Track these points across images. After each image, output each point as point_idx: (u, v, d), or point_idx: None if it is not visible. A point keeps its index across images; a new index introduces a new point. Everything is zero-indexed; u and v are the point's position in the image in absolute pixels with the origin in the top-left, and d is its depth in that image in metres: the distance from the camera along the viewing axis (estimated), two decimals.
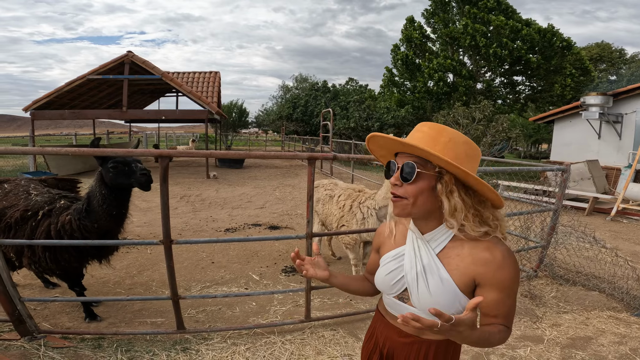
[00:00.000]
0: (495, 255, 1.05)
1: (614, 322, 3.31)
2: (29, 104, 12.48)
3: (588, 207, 8.14)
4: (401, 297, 1.17)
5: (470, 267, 1.06)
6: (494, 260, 1.05)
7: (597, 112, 10.99)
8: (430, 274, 1.10)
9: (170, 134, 35.60)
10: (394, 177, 1.10)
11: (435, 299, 1.07)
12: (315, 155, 2.75)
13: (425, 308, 1.08)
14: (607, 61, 34.31)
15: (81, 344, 2.75)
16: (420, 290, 1.10)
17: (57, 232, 2.70)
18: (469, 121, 12.38)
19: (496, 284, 1.04)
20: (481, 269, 1.05)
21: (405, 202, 1.08)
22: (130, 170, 2.66)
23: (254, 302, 3.57)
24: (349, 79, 40.74)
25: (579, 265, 4.32)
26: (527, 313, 3.44)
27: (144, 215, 6.94)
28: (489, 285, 1.05)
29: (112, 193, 2.68)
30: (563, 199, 4.03)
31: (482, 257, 1.06)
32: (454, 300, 1.07)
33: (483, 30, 19.70)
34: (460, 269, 1.07)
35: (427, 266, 1.11)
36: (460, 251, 1.09)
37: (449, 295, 1.07)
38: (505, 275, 1.04)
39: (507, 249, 1.08)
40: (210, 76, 16.23)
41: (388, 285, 1.19)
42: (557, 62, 20.72)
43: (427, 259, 1.12)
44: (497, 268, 1.04)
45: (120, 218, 2.82)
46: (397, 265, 1.18)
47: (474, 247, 1.08)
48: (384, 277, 1.20)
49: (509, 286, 1.06)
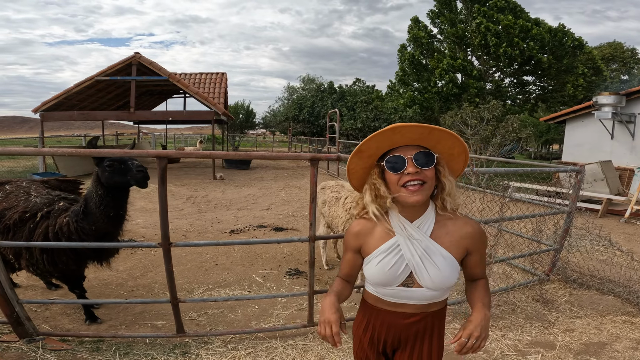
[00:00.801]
0: (475, 228, 1.33)
1: (629, 327, 3.19)
2: (39, 106, 12.61)
3: (601, 208, 7.95)
4: (405, 283, 1.30)
5: (461, 241, 1.30)
6: (477, 232, 1.32)
7: (609, 112, 10.75)
8: (433, 255, 1.27)
9: (179, 135, 35.81)
10: (411, 166, 1.22)
11: (444, 274, 1.26)
12: (318, 155, 2.67)
13: (436, 284, 1.27)
14: (619, 61, 33.75)
15: (79, 346, 2.71)
16: (430, 270, 1.26)
17: (55, 234, 2.66)
18: (477, 121, 12.20)
19: (480, 248, 1.34)
20: (470, 241, 1.31)
21: (426, 185, 1.23)
22: (126, 168, 2.60)
23: (256, 305, 3.50)
24: (356, 80, 40.55)
25: (593, 268, 4.17)
26: (539, 318, 3.32)
27: (150, 216, 6.93)
28: (476, 251, 1.33)
29: (109, 194, 2.63)
30: (577, 200, 3.90)
31: (467, 231, 1.31)
32: (455, 270, 1.29)
33: (495, 29, 19.48)
34: (454, 244, 1.29)
35: (427, 248, 1.27)
36: (446, 230, 1.30)
37: (451, 267, 1.28)
38: (484, 241, 1.36)
39: (476, 221, 1.38)
40: (216, 77, 16.26)
41: (393, 277, 1.29)
42: (569, 61, 20.41)
43: (424, 242, 1.28)
44: (479, 237, 1.33)
45: (118, 220, 2.77)
46: (397, 256, 1.29)
47: (454, 224, 1.31)
48: (386, 271, 1.29)
49: (485, 247, 1.39)
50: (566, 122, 13.27)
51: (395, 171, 1.24)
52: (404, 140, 1.25)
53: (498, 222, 3.44)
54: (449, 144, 1.26)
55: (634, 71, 32.38)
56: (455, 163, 1.32)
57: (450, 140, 1.25)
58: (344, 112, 23.87)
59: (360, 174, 1.37)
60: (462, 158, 1.30)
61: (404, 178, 1.22)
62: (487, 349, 2.83)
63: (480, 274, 1.39)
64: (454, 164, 1.32)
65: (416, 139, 1.24)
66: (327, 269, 4.42)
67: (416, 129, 1.21)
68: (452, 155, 1.29)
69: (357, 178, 1.38)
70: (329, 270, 4.41)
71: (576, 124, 12.87)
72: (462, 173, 1.38)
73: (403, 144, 1.25)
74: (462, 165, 1.33)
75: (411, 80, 23.86)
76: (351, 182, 1.41)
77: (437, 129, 1.22)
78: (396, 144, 1.26)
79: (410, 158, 1.22)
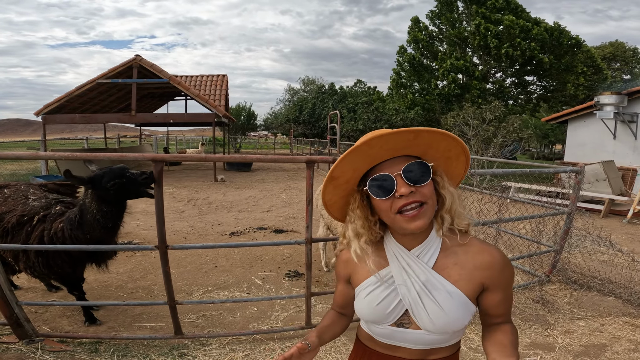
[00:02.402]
0: (495, 256, 1.03)
1: (630, 329, 3.17)
2: (41, 108, 12.68)
3: (604, 209, 7.91)
4: (400, 323, 1.06)
5: (475, 273, 1.02)
6: (496, 261, 1.02)
7: (611, 111, 10.71)
8: (435, 290, 1.01)
9: (180, 137, 35.91)
10: (402, 185, 0.95)
11: (450, 316, 1.00)
12: (313, 158, 2.67)
13: (439, 328, 1.01)
14: (620, 60, 33.67)
15: (78, 347, 2.72)
16: (430, 309, 1.00)
17: (50, 238, 2.68)
18: (479, 122, 12.18)
19: (502, 284, 1.03)
20: (487, 273, 1.02)
21: (427, 206, 0.97)
22: (130, 181, 2.58)
23: (255, 307, 3.50)
24: (357, 81, 40.59)
25: (594, 269, 4.15)
26: (538, 320, 3.30)
27: (151, 218, 6.91)
28: (496, 287, 1.03)
29: (108, 208, 2.63)
30: (577, 201, 3.88)
31: (483, 261, 1.02)
32: (466, 310, 1.01)
33: (495, 30, 19.46)
34: (464, 277, 1.01)
35: (427, 282, 1.02)
36: (456, 259, 1.03)
37: (461, 307, 1.01)
38: (508, 273, 1.04)
39: (496, 247, 1.07)
40: (217, 79, 16.30)
41: (382, 314, 1.05)
42: (568, 60, 20.37)
43: (423, 275, 1.02)
44: (501, 269, 1.02)
45: (114, 230, 2.78)
46: (389, 290, 1.05)
47: (467, 252, 1.04)
48: (374, 307, 1.06)
49: (510, 283, 1.06)
50: (568, 122, 13.23)
51: (383, 195, 0.97)
52: (386, 154, 0.98)
53: (497, 224, 3.43)
54: (442, 146, 1.00)
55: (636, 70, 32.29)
56: (454, 168, 1.06)
57: (445, 141, 0.99)
58: (345, 113, 23.89)
59: (340, 204, 1.11)
60: (461, 160, 1.04)
61: (397, 203, 0.96)
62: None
63: (504, 318, 1.06)
64: (453, 169, 1.06)
65: (401, 148, 0.97)
66: (326, 271, 4.42)
67: (397, 136, 0.94)
68: (449, 159, 1.03)
69: (339, 209, 1.13)
70: (328, 272, 4.41)
71: (578, 124, 12.83)
72: (464, 178, 1.12)
73: (386, 158, 0.99)
74: (464, 168, 1.07)
75: (411, 82, 23.85)
76: (332, 215, 1.15)
77: (424, 131, 0.95)
78: (377, 160, 0.99)
79: (399, 175, 0.96)
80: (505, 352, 0.96)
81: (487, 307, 1.05)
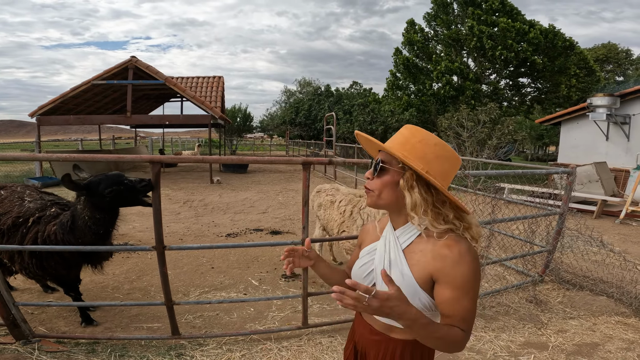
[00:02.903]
0: (453, 251, 1.05)
1: (622, 328, 3.21)
2: (35, 110, 12.62)
3: (596, 210, 8.00)
4: None
5: (430, 263, 1.07)
6: (451, 255, 1.04)
7: (604, 113, 10.84)
8: (394, 268, 1.12)
9: (176, 139, 35.82)
10: (368, 171, 1.18)
11: None
12: (309, 160, 2.70)
13: None
14: (613, 62, 33.99)
15: (75, 348, 2.72)
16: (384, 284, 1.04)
17: (43, 241, 2.69)
18: (473, 124, 12.27)
19: (451, 280, 1.03)
20: (438, 264, 1.05)
21: (372, 194, 1.15)
22: (127, 188, 2.57)
23: (252, 308, 3.51)
24: (353, 83, 40.68)
25: (587, 269, 4.21)
26: (532, 319, 3.35)
27: (147, 220, 6.93)
28: (445, 282, 1.04)
29: (102, 214, 2.63)
30: (569, 201, 3.93)
31: (440, 252, 1.06)
32: (414, 296, 1.06)
33: (489, 32, 19.60)
34: (421, 264, 1.08)
35: (393, 260, 1.14)
36: (424, 247, 1.11)
37: (409, 289, 1.06)
38: (461, 271, 1.03)
39: (467, 246, 1.08)
40: (213, 81, 16.30)
41: (359, 278, 1.21)
42: (561, 62, 20.55)
43: (394, 253, 1.14)
44: (453, 264, 1.03)
45: (106, 235, 2.78)
46: (369, 259, 1.22)
47: (435, 244, 1.09)
48: (356, 270, 1.25)
49: (465, 284, 1.03)
50: (561, 124, 13.36)
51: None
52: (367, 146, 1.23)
53: (490, 224, 3.48)
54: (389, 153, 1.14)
55: (629, 72, 32.61)
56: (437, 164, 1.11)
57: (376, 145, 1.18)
58: (341, 115, 23.92)
59: None
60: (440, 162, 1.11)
61: None
62: (480, 350, 2.85)
63: (452, 320, 1.04)
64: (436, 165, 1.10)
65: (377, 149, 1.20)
66: None
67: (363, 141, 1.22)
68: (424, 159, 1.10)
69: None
70: None
71: (571, 126, 12.96)
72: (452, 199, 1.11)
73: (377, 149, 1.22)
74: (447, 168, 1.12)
75: (406, 84, 23.95)
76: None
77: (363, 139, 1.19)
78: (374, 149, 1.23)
79: (375, 161, 1.18)
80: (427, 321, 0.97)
81: (438, 303, 1.06)
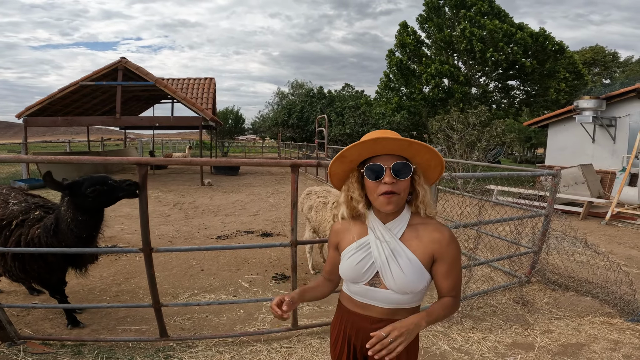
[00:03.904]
0: (444, 234, 1.32)
1: (607, 328, 3.26)
2: (22, 111, 12.44)
3: (583, 211, 8.13)
4: (372, 282, 1.33)
5: (429, 246, 1.30)
6: (444, 237, 1.31)
7: (590, 115, 11.01)
8: (398, 256, 1.29)
9: (167, 141, 35.55)
10: (388, 175, 1.26)
11: (408, 277, 1.28)
12: (298, 162, 2.72)
13: (399, 287, 1.28)
14: (600, 65, 34.53)
15: (61, 350, 2.70)
16: (394, 271, 1.28)
17: (27, 244, 2.67)
18: (463, 126, 12.38)
19: (447, 258, 1.31)
20: (436, 246, 1.30)
21: (399, 197, 1.28)
22: (111, 188, 2.56)
23: (241, 310, 3.51)
24: (345, 85, 40.86)
25: (572, 270, 4.27)
26: (518, 320, 3.39)
27: (135, 222, 6.86)
28: (441, 259, 1.31)
29: (84, 217, 2.61)
30: (554, 203, 4.00)
31: (435, 236, 1.31)
32: (421, 276, 1.30)
33: (480, 34, 19.80)
34: (421, 248, 1.30)
35: (394, 250, 1.30)
36: (416, 234, 1.32)
37: (417, 271, 1.29)
38: (453, 250, 1.32)
39: (449, 228, 1.36)
40: (205, 82, 16.23)
41: (359, 273, 1.33)
42: (551, 66, 20.83)
43: (392, 243, 1.31)
44: (447, 244, 1.31)
45: (90, 239, 2.75)
46: (365, 254, 1.34)
47: (425, 229, 1.33)
48: (354, 266, 1.34)
49: (455, 258, 1.33)
50: (549, 127, 13.54)
51: (374, 179, 1.28)
52: (384, 150, 1.29)
53: (477, 226, 3.52)
54: (426, 157, 1.31)
55: (615, 75, 33.17)
56: (431, 173, 1.37)
57: (428, 154, 1.30)
58: (333, 117, 23.98)
59: (341, 176, 1.42)
60: (437, 170, 1.36)
61: (381, 187, 1.26)
62: (467, 351, 2.88)
63: (447, 290, 1.34)
64: (430, 174, 1.38)
65: (396, 150, 1.28)
66: (313, 274, 4.45)
67: (396, 142, 1.26)
68: (429, 166, 1.35)
69: (339, 179, 1.43)
70: (315, 274, 4.44)
71: (558, 128, 13.15)
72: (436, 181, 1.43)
73: (383, 153, 1.30)
74: (438, 175, 1.39)
75: (398, 86, 24.09)
76: (332, 182, 1.45)
77: (415, 143, 1.26)
78: (377, 153, 1.30)
79: (389, 168, 1.26)
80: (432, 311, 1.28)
81: (436, 278, 1.33)
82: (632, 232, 6.98)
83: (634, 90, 10.84)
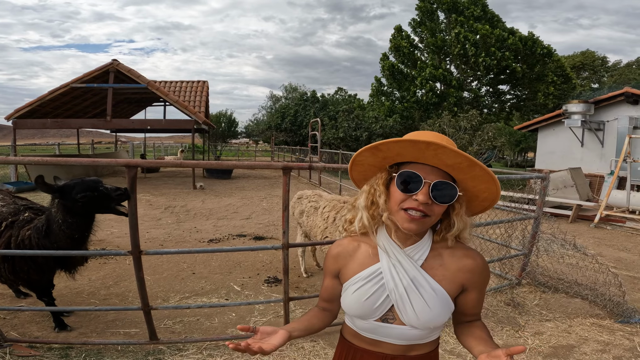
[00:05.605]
0: (477, 261, 1.12)
1: (597, 330, 3.29)
2: (11, 113, 12.29)
3: (572, 214, 8.22)
4: (385, 318, 1.10)
5: (458, 275, 1.10)
6: (478, 266, 1.11)
7: (579, 119, 11.18)
8: (421, 287, 1.07)
9: (159, 144, 35.30)
10: (424, 193, 0.99)
11: (434, 311, 1.07)
12: (289, 164, 2.71)
13: (423, 323, 1.07)
14: (589, 69, 35.05)
15: (48, 353, 2.67)
16: (416, 305, 1.06)
17: (17, 245, 2.64)
18: (454, 130, 12.51)
19: (479, 286, 1.13)
20: (468, 275, 1.10)
21: (429, 220, 1.03)
22: (101, 195, 2.55)
23: (233, 313, 3.48)
24: (338, 89, 40.98)
25: (561, 272, 4.32)
26: (510, 322, 3.41)
27: (125, 226, 6.74)
28: (474, 288, 1.12)
29: (76, 219, 2.59)
30: (544, 206, 4.04)
31: (466, 264, 1.10)
32: (448, 308, 1.09)
33: (473, 38, 20.04)
34: (448, 277, 1.09)
35: (415, 279, 1.07)
36: (441, 261, 1.11)
37: (443, 304, 1.08)
38: (486, 277, 1.14)
39: (480, 254, 1.16)
40: (197, 85, 16.18)
41: (370, 309, 1.10)
42: (540, 70, 21.14)
43: (412, 272, 1.08)
44: (480, 272, 1.11)
45: (81, 240, 2.73)
46: (377, 286, 1.10)
47: (452, 255, 1.11)
48: (362, 302, 1.10)
49: (486, 284, 1.17)
50: (538, 130, 13.71)
51: (404, 190, 1.02)
52: (433, 161, 1.01)
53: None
54: (482, 187, 1.05)
55: (604, 79, 33.69)
56: (476, 205, 1.12)
57: (486, 184, 1.03)
58: (326, 121, 24.02)
59: (365, 168, 1.14)
60: (486, 205, 1.11)
61: (410, 202, 1.01)
62: (459, 353, 2.89)
63: (477, 316, 1.17)
64: (475, 206, 1.12)
65: (449, 164, 1.01)
66: (305, 277, 4.43)
67: (454, 155, 0.97)
68: (477, 197, 1.09)
69: (360, 171, 1.16)
70: (308, 277, 4.42)
71: (548, 132, 13.32)
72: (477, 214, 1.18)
73: (430, 163, 1.03)
74: (482, 210, 1.14)
75: (391, 90, 24.26)
76: (352, 175, 1.18)
77: (478, 166, 0.99)
78: (423, 160, 1.03)
79: (429, 184, 1.00)
80: (491, 343, 1.06)
81: (465, 307, 1.14)
82: (620, 235, 7.08)
83: (622, 95, 11.03)
